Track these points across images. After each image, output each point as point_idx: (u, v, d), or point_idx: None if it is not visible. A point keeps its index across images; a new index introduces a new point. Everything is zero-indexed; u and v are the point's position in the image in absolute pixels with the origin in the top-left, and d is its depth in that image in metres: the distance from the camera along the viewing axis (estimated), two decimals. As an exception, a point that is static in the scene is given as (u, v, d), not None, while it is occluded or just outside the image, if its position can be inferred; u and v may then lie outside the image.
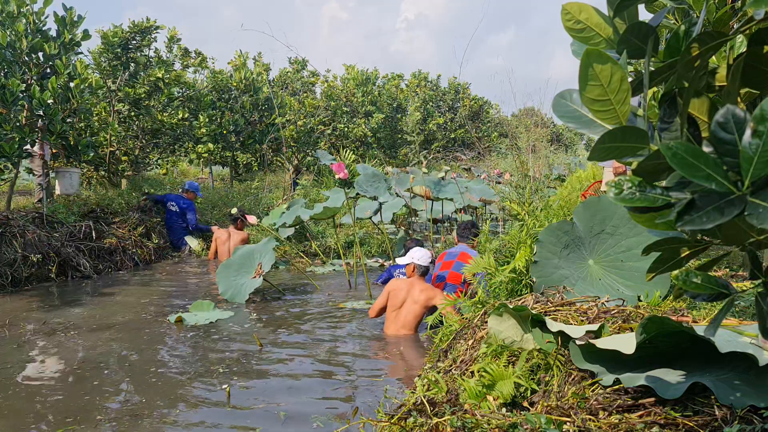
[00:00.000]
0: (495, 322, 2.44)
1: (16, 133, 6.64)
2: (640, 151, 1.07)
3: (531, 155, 8.64)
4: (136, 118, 10.60)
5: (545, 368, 2.23)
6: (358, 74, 22.20)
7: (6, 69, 6.97)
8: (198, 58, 13.12)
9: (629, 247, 3.19)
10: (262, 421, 3.11)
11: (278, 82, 19.21)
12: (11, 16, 6.91)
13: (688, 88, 1.11)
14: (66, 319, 5.25)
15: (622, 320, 2.41)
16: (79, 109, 7.64)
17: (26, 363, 4.11)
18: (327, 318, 5.34)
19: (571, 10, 1.24)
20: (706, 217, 0.91)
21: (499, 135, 25.15)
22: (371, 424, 2.20)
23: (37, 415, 3.25)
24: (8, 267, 6.41)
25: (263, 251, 6.20)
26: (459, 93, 25.46)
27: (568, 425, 1.80)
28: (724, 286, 1.17)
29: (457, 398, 2.24)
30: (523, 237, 3.50)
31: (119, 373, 3.90)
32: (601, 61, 1.04)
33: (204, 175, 17.17)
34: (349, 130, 19.17)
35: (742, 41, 1.25)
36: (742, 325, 2.20)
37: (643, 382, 1.83)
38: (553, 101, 1.23)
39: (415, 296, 4.58)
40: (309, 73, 20.25)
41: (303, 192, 11.49)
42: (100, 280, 7.12)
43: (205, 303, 5.50)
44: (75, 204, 8.03)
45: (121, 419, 3.17)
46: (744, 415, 1.67)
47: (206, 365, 4.05)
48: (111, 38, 9.83)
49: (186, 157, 14.36)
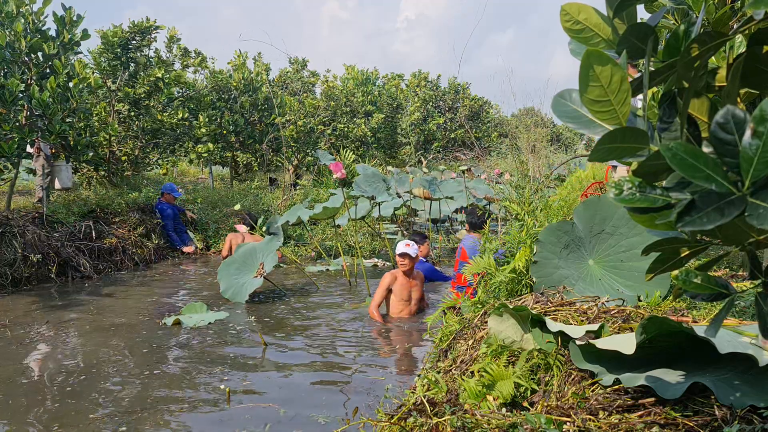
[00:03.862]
0: (495, 322, 2.44)
1: (15, 133, 6.64)
2: (640, 152, 1.07)
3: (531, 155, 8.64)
4: (136, 118, 10.60)
5: (545, 368, 2.23)
6: (358, 74, 22.20)
7: (5, 69, 6.97)
8: (198, 58, 13.12)
9: (629, 247, 3.19)
10: (262, 421, 3.11)
11: (278, 82, 19.21)
12: (10, 16, 6.91)
13: (688, 88, 1.11)
14: (66, 319, 5.25)
15: (622, 320, 2.41)
16: (79, 108, 7.64)
17: (26, 363, 4.11)
18: (327, 318, 5.34)
19: (570, 10, 1.24)
20: (706, 217, 0.91)
21: (499, 135, 25.16)
22: (371, 424, 2.20)
23: (36, 414, 3.25)
24: (8, 267, 6.41)
25: (265, 251, 6.15)
26: (459, 93, 25.47)
27: (568, 425, 1.80)
28: (724, 286, 1.17)
29: (457, 398, 2.23)
30: (523, 237, 3.50)
31: (119, 373, 3.90)
32: (601, 62, 1.04)
33: (204, 175, 17.17)
34: (349, 130, 19.17)
35: (741, 41, 1.25)
36: (742, 325, 2.20)
37: (643, 382, 1.83)
38: (553, 101, 1.23)
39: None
40: (309, 73, 20.23)
41: (303, 192, 11.50)
42: (100, 280, 7.12)
43: (197, 305, 5.43)
44: (75, 204, 8.02)
45: (120, 419, 3.17)
46: (744, 415, 1.66)
47: (206, 365, 4.05)
48: (111, 38, 9.83)
49: (186, 157, 14.37)
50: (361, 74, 22.14)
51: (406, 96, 24.40)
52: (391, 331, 4.90)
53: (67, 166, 8.27)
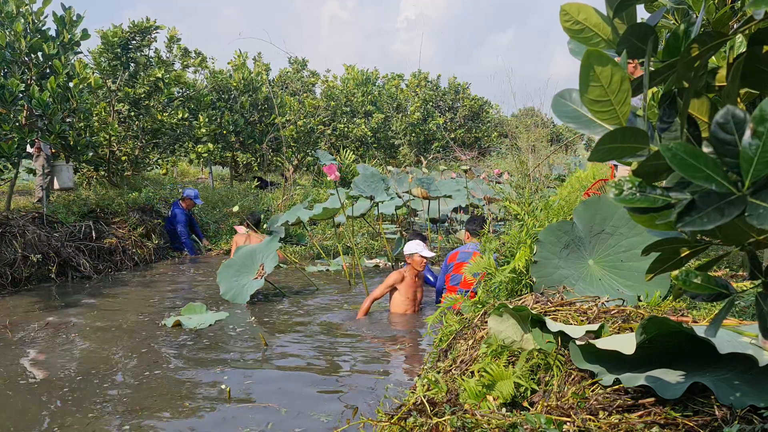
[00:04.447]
0: (495, 322, 2.44)
1: (15, 133, 6.64)
2: (640, 152, 1.07)
3: (531, 155, 8.63)
4: (136, 118, 10.60)
5: (545, 368, 2.23)
6: (358, 74, 22.19)
7: (5, 69, 6.97)
8: (198, 58, 13.12)
9: (629, 247, 3.19)
10: (264, 420, 3.11)
11: (278, 82, 19.21)
12: (10, 16, 6.91)
13: (688, 88, 1.11)
14: (66, 319, 5.25)
15: (622, 320, 2.41)
16: (79, 108, 7.64)
17: (26, 363, 4.11)
18: (327, 318, 5.34)
19: (570, 10, 1.23)
20: (706, 217, 0.91)
21: (498, 135, 25.16)
22: (371, 424, 2.20)
23: (36, 414, 3.25)
24: (8, 267, 6.41)
25: (265, 252, 6.12)
26: (459, 93, 25.47)
27: (568, 425, 1.80)
28: (724, 286, 1.17)
29: (457, 398, 2.23)
30: (523, 237, 3.50)
31: (119, 373, 3.90)
32: (601, 63, 1.04)
33: (204, 175, 17.17)
34: (349, 130, 19.16)
35: (742, 41, 1.25)
36: (742, 325, 2.20)
37: (643, 382, 1.83)
38: (553, 101, 1.23)
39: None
40: (309, 73, 20.23)
41: (303, 192, 11.50)
42: (100, 280, 7.12)
43: (196, 306, 5.41)
44: (75, 204, 8.02)
45: (122, 419, 3.17)
46: (744, 415, 1.66)
47: (206, 365, 4.05)
48: (111, 38, 9.83)
49: (186, 157, 14.37)
50: (361, 74, 22.13)
51: (406, 96, 24.40)
52: (391, 331, 4.91)
53: (68, 166, 8.25)
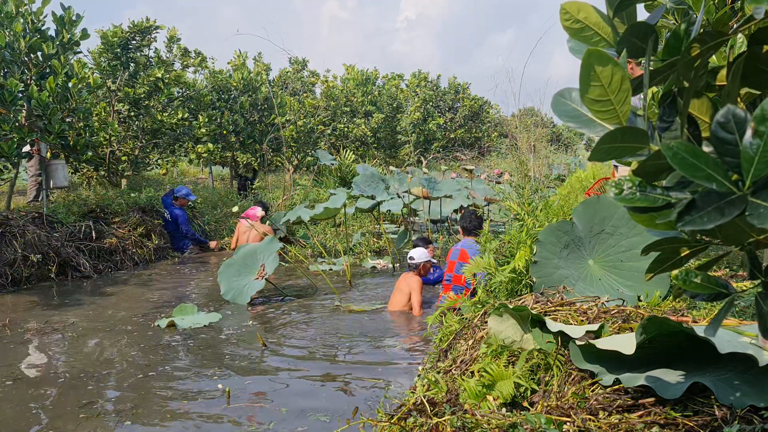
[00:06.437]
0: (495, 322, 2.43)
1: (15, 133, 6.64)
2: (640, 152, 1.07)
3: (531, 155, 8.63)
4: (136, 118, 10.60)
5: (545, 368, 2.23)
6: (358, 74, 22.18)
7: (5, 69, 6.96)
8: (198, 58, 13.12)
9: (629, 247, 3.18)
10: (264, 420, 3.11)
11: (278, 82, 19.21)
12: (9, 16, 6.91)
13: (689, 87, 1.11)
14: (66, 319, 5.25)
15: (622, 320, 2.40)
16: (78, 108, 7.63)
17: (26, 363, 4.11)
18: (326, 318, 5.33)
19: (570, 9, 1.23)
20: (706, 217, 0.91)
21: (499, 135, 25.15)
22: (371, 424, 2.20)
23: (36, 414, 3.25)
24: (8, 267, 6.40)
25: (266, 252, 6.08)
26: (459, 93, 25.47)
27: (568, 425, 1.80)
28: (724, 286, 1.17)
29: (457, 398, 2.23)
30: (523, 237, 3.50)
31: (119, 373, 3.90)
32: (602, 62, 1.04)
33: (204, 175, 17.17)
34: (349, 130, 19.17)
35: (742, 41, 1.25)
36: (742, 325, 2.20)
37: (643, 382, 1.83)
38: (552, 100, 1.23)
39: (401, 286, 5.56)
40: (309, 73, 20.23)
41: (303, 192, 11.50)
42: (100, 280, 7.12)
43: (187, 307, 5.36)
44: (75, 204, 8.02)
45: (121, 419, 3.17)
46: (744, 415, 1.66)
47: (205, 366, 4.05)
48: (111, 38, 9.83)
49: (186, 157, 14.36)
50: (361, 74, 22.12)
51: (406, 96, 24.40)
52: (391, 332, 4.90)
53: (64, 165, 8.22)
